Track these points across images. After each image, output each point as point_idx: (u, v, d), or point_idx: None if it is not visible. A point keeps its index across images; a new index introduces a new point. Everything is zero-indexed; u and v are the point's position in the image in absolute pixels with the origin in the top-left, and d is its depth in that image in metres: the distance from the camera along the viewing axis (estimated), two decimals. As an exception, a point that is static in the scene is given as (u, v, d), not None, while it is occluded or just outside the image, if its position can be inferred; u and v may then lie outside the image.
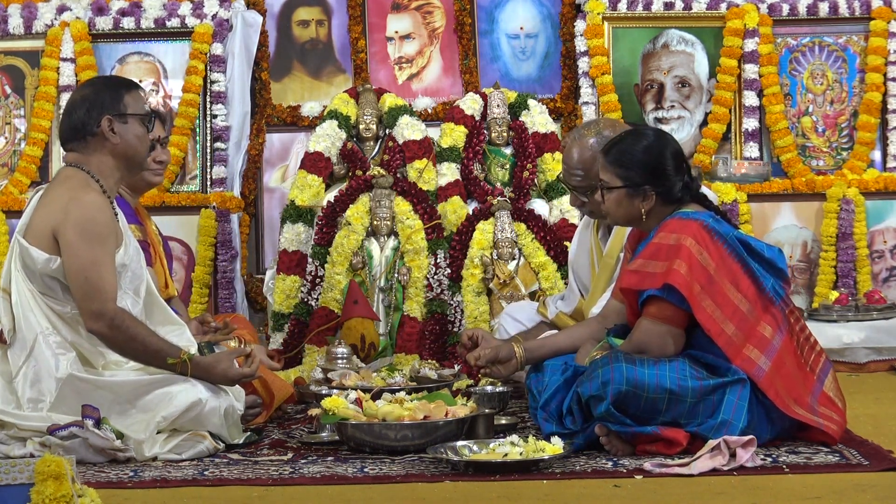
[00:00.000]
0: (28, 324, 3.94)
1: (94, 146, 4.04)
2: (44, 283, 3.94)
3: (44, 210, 3.97)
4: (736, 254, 3.83)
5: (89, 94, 4.07)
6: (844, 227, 6.40)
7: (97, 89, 4.10)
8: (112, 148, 4.04)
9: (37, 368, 3.92)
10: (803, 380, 3.85)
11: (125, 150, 4.06)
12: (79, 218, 3.90)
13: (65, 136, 4.08)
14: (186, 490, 3.51)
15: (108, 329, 3.90)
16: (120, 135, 4.03)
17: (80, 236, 3.89)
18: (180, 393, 3.91)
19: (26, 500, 2.68)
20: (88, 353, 3.96)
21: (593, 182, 4.36)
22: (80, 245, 3.89)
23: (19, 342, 3.96)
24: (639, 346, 3.81)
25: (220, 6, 6.65)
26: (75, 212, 3.90)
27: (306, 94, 6.90)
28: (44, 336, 3.92)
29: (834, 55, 6.76)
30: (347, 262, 5.99)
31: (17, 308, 3.96)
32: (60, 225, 3.90)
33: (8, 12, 6.66)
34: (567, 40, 6.84)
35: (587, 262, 4.66)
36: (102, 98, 4.04)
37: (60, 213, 3.91)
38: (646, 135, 3.98)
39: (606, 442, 3.76)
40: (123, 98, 4.06)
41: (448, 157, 6.38)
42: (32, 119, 6.53)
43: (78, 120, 4.03)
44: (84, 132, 4.02)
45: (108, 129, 4.02)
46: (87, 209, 3.92)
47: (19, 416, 3.90)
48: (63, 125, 4.09)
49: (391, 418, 3.87)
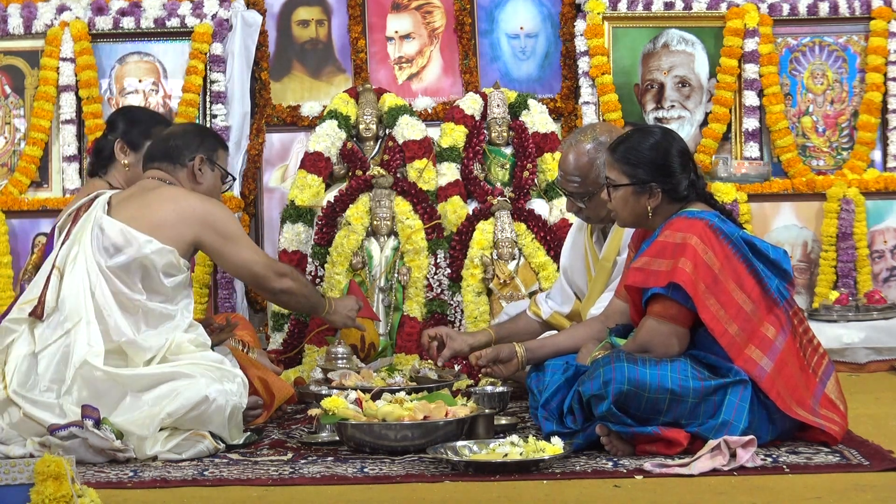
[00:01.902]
0: (75, 307, 4.04)
1: (180, 176, 4.33)
2: (126, 266, 4.08)
3: (169, 205, 4.17)
4: (741, 254, 3.83)
5: (193, 130, 4.45)
6: (845, 227, 6.40)
7: (201, 130, 4.53)
8: (193, 186, 4.32)
9: (67, 350, 4.00)
10: (805, 381, 3.85)
11: (202, 193, 4.31)
12: (224, 213, 4.27)
13: (156, 155, 4.36)
14: (186, 490, 3.51)
15: (293, 282, 4.39)
16: (205, 177, 4.36)
17: (235, 226, 4.27)
18: (187, 389, 3.93)
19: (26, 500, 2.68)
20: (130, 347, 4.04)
21: (590, 188, 4.37)
22: (239, 233, 4.28)
23: (57, 321, 4.05)
24: (643, 345, 3.81)
25: (220, 6, 6.65)
26: (217, 208, 4.25)
27: (306, 94, 6.90)
28: (86, 323, 4.02)
29: (834, 55, 6.76)
30: (347, 262, 5.99)
31: (69, 288, 4.06)
32: (213, 218, 4.20)
33: (8, 12, 6.65)
34: (567, 40, 6.84)
35: (582, 265, 4.65)
36: (204, 139, 4.41)
37: (204, 210, 4.20)
38: (652, 132, 3.99)
39: (607, 442, 3.76)
40: (219, 149, 4.43)
41: (448, 157, 6.37)
42: (32, 119, 6.53)
43: (175, 147, 4.35)
44: (176, 159, 4.34)
45: (198, 167, 4.33)
46: (222, 206, 4.30)
47: (30, 401, 3.95)
48: (159, 145, 4.38)
49: (391, 418, 3.87)
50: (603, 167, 4.21)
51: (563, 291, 4.76)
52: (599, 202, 4.32)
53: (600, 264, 4.51)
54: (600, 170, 4.29)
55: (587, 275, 4.61)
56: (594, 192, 4.36)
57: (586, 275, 4.62)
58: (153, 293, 4.12)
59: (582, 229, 4.67)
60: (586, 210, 4.43)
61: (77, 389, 3.94)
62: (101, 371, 3.94)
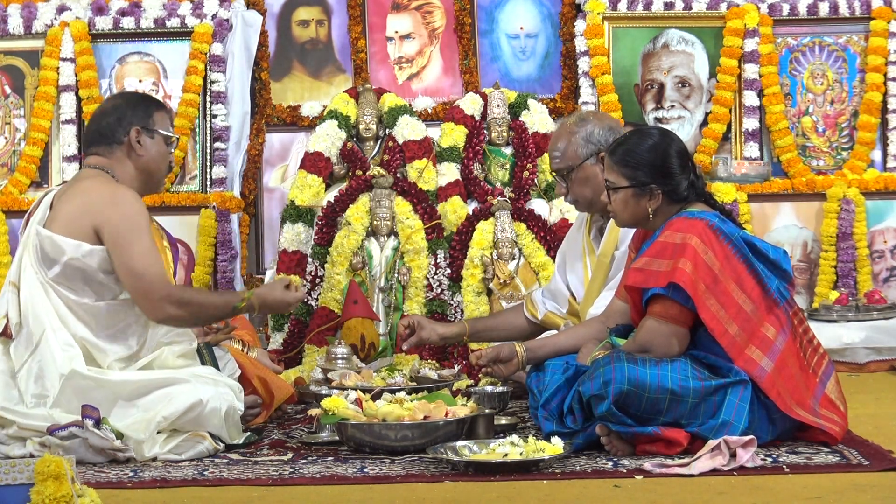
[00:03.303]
0: (36, 318, 3.95)
1: (119, 155, 4.12)
2: (64, 273, 3.95)
3: (77, 201, 3.98)
4: (741, 254, 3.83)
5: (121, 104, 4.18)
6: (844, 227, 6.40)
7: (129, 100, 4.23)
8: (136, 160, 4.13)
9: (42, 363, 3.92)
10: (805, 381, 3.85)
11: (147, 165, 4.15)
12: (125, 212, 3.95)
13: (90, 139, 4.16)
14: (186, 490, 3.51)
15: (177, 309, 3.95)
16: (145, 147, 4.13)
17: (130, 229, 3.94)
18: (181, 393, 3.92)
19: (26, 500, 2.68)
20: (95, 350, 3.97)
21: (569, 162, 4.46)
22: (132, 238, 3.94)
23: (25, 336, 3.96)
24: (643, 346, 3.81)
25: (220, 6, 6.65)
26: (121, 205, 3.96)
27: (306, 94, 6.90)
28: (52, 331, 3.93)
29: (834, 55, 6.76)
30: (347, 262, 5.99)
31: (27, 302, 3.98)
32: (106, 219, 3.93)
33: (8, 12, 6.65)
34: (567, 40, 6.84)
35: (580, 263, 4.66)
36: (134, 109, 4.15)
37: (104, 207, 3.95)
38: (651, 134, 3.99)
39: (607, 442, 3.76)
40: (153, 114, 4.17)
41: (448, 157, 6.38)
42: (32, 119, 6.53)
43: (107, 126, 4.12)
44: (111, 139, 4.12)
45: (136, 140, 4.11)
46: (132, 203, 3.98)
47: (21, 414, 3.90)
48: (90, 129, 4.17)
49: (391, 418, 3.87)
50: (582, 142, 4.41)
51: (558, 291, 4.76)
52: (579, 180, 4.44)
53: (598, 260, 4.53)
54: (579, 144, 4.44)
55: (584, 272, 4.62)
56: (572, 167, 4.45)
57: (584, 272, 4.62)
58: (101, 293, 3.99)
59: (581, 227, 4.69)
60: (571, 192, 4.47)
61: (66, 401, 3.89)
62: (90, 379, 3.90)
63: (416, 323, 4.58)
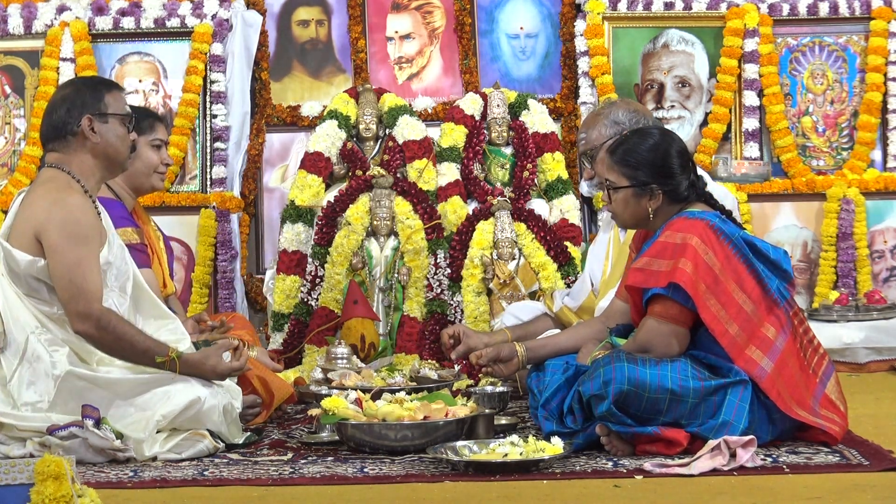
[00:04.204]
0: (18, 325, 3.93)
1: (75, 146, 4.03)
2: (29, 286, 3.93)
3: (26, 212, 3.96)
4: (741, 254, 3.83)
5: (69, 94, 4.07)
6: (844, 227, 6.40)
7: (77, 89, 4.10)
8: (93, 147, 4.03)
9: (33, 369, 3.91)
10: (805, 382, 3.85)
11: (105, 150, 4.05)
12: (62, 219, 3.89)
13: (45, 135, 4.07)
14: (186, 490, 3.51)
15: (95, 330, 3.89)
16: (100, 134, 4.03)
17: (63, 238, 3.88)
18: (179, 392, 3.91)
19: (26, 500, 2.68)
20: (80, 350, 3.96)
21: (594, 144, 4.51)
22: (64, 246, 3.87)
23: (12, 345, 3.94)
24: (643, 346, 3.81)
25: (220, 6, 6.65)
26: (58, 213, 3.89)
27: (306, 94, 6.90)
28: (35, 335, 3.91)
29: (834, 55, 6.76)
30: (347, 262, 5.99)
31: (6, 311, 3.95)
32: (43, 227, 3.89)
33: (8, 12, 6.65)
34: (567, 40, 6.84)
35: (602, 253, 4.67)
36: (83, 97, 4.04)
37: (43, 215, 3.90)
38: (651, 133, 3.99)
39: (607, 442, 3.76)
40: (104, 98, 4.05)
41: (448, 157, 6.38)
42: (32, 119, 6.53)
43: (59, 119, 4.02)
44: (65, 132, 4.02)
45: (89, 128, 4.01)
46: (70, 210, 3.90)
47: (18, 417, 3.89)
48: (43, 125, 4.08)
49: (391, 418, 3.87)
50: (608, 124, 4.48)
51: (582, 285, 4.76)
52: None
53: (621, 248, 4.53)
54: (604, 125, 4.51)
55: (605, 262, 4.63)
56: (596, 148, 4.47)
57: (603, 262, 4.63)
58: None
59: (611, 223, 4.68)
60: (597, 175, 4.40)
61: (63, 402, 3.88)
62: (85, 378, 3.89)
63: (461, 332, 4.47)
